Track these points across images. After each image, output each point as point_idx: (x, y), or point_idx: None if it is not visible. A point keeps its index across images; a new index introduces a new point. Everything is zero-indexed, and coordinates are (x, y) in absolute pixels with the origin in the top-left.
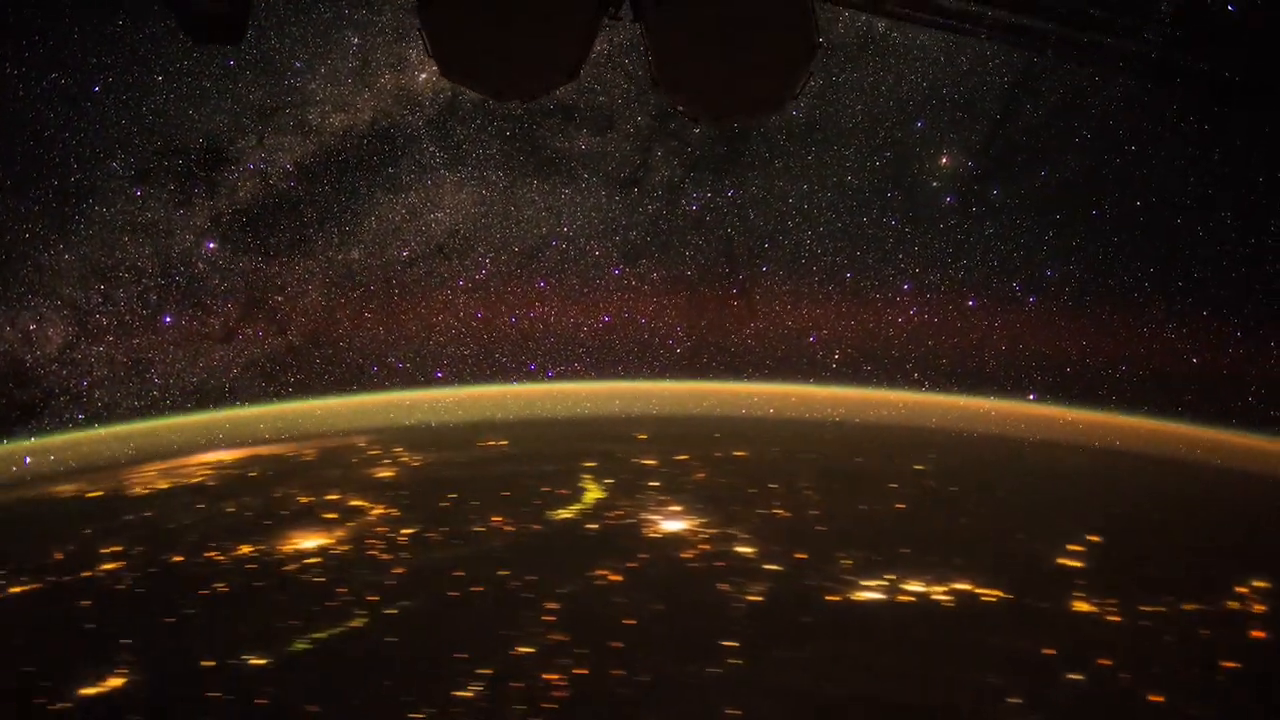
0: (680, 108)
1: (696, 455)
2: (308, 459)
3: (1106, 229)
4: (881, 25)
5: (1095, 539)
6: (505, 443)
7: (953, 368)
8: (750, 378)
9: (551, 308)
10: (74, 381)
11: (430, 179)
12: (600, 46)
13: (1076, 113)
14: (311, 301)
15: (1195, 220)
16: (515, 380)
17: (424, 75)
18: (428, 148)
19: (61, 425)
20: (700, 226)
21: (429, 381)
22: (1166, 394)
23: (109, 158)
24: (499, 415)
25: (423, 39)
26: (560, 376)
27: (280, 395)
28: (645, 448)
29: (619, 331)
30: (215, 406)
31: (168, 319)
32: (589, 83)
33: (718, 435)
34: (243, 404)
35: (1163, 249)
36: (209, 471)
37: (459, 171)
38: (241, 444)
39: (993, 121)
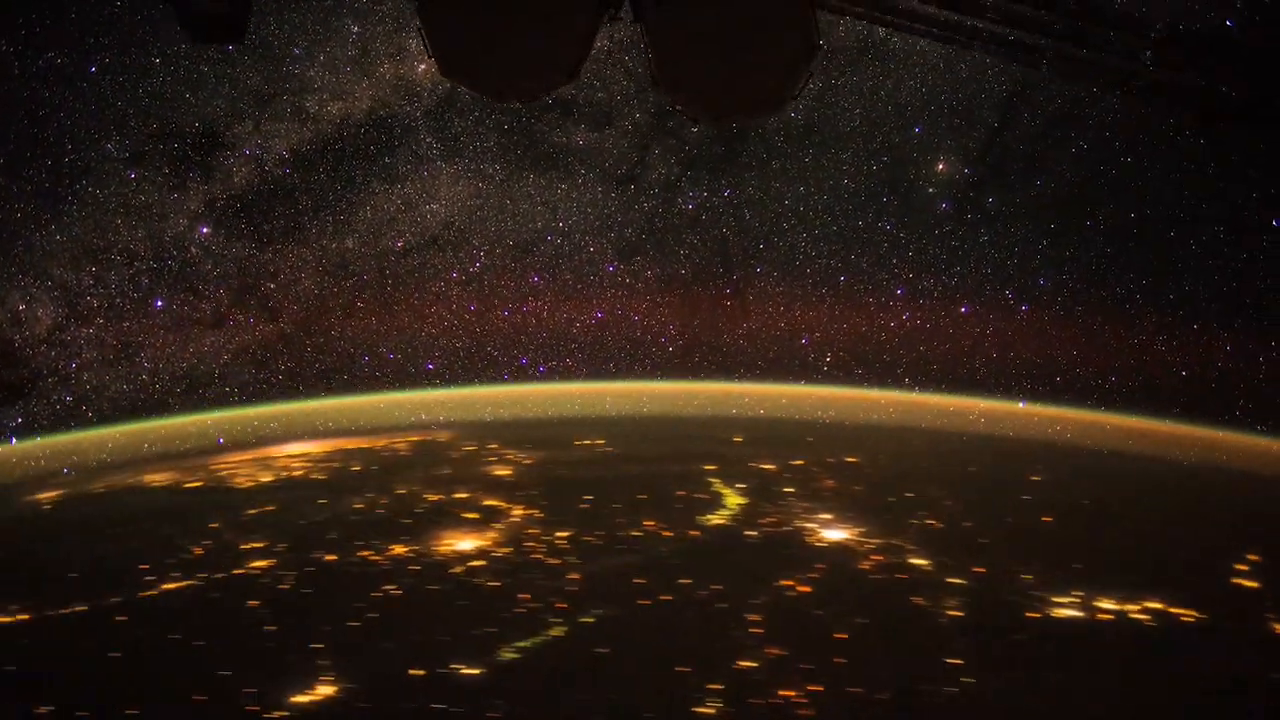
0: (680, 107)
1: (812, 460)
2: (403, 453)
3: (1100, 240)
4: (881, 30)
5: (1255, 558)
6: (602, 441)
7: (943, 373)
8: (741, 378)
9: (545, 302)
10: (62, 363)
11: (426, 170)
12: (601, 43)
13: (1074, 123)
14: (304, 289)
15: (1188, 234)
16: (506, 374)
17: (423, 66)
18: (425, 138)
19: (48, 406)
20: (696, 225)
21: (419, 373)
22: (1155, 405)
23: (104, 139)
24: (589, 413)
25: (423, 39)
26: (552, 372)
27: (270, 382)
28: (752, 451)
29: (612, 328)
30: (205, 391)
31: (159, 303)
32: (588, 78)
33: (810, 439)
34: (235, 394)
35: (1155, 261)
36: (304, 464)
37: (455, 163)
38: (320, 435)
39: (990, 129)
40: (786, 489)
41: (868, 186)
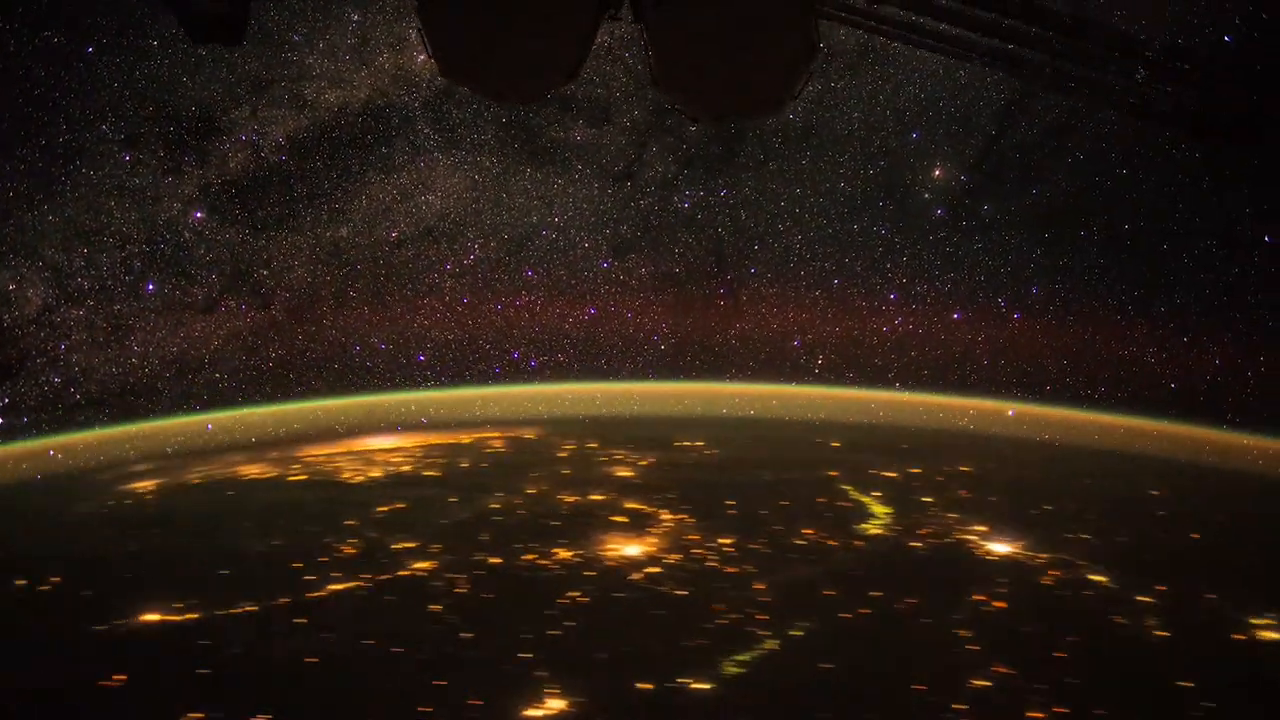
0: (680, 107)
1: (929, 468)
2: (501, 450)
3: (1093, 250)
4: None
5: None
6: (702, 443)
7: (934, 379)
8: (732, 378)
9: (538, 297)
10: (51, 344)
11: (423, 161)
12: (601, 39)
13: (1070, 133)
14: (297, 277)
15: (1181, 247)
16: (498, 368)
17: (422, 56)
18: (422, 129)
19: (36, 386)
20: (691, 224)
21: (410, 364)
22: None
23: (99, 120)
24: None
25: (422, 39)
26: (543, 367)
27: (260, 369)
28: (862, 457)
29: (604, 324)
30: (194, 376)
31: (150, 286)
32: (588, 75)
33: (905, 446)
34: (224, 380)
35: (1148, 273)
36: (406, 459)
37: (453, 155)
38: (405, 429)
39: (987, 137)
40: (924, 498)
41: (864, 190)
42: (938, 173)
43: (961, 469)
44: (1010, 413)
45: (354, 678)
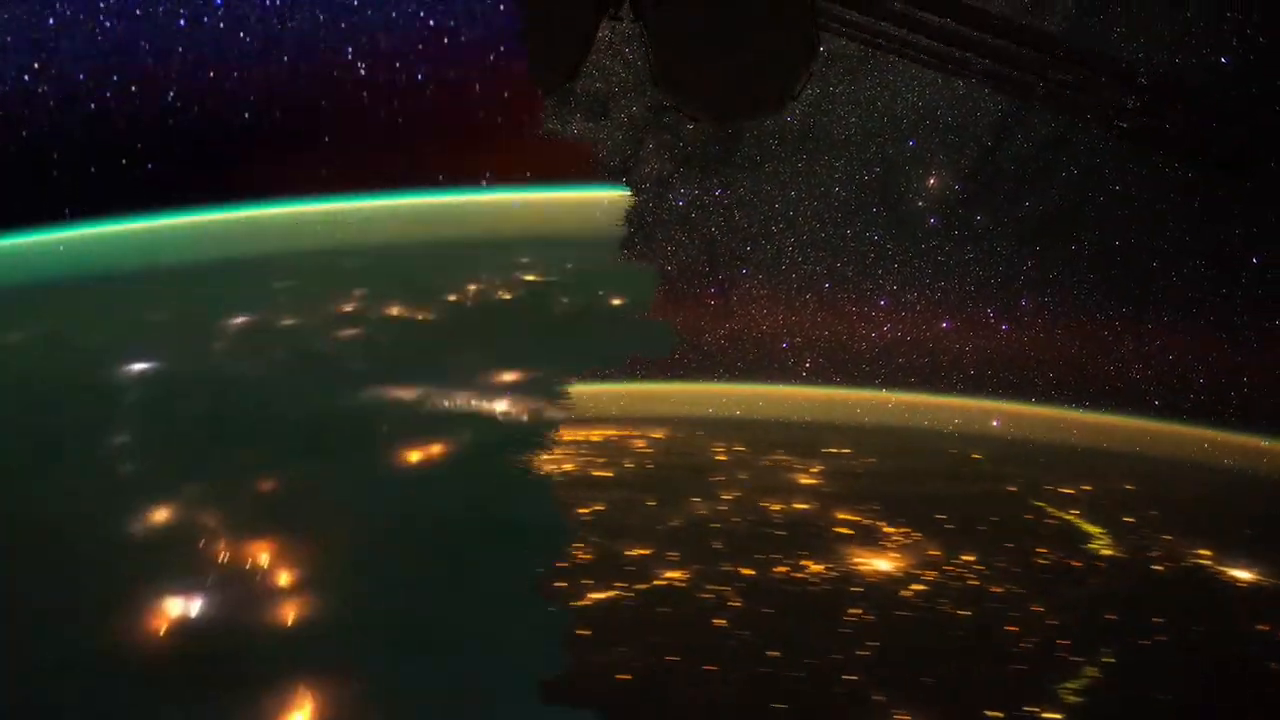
0: (680, 106)
1: (1099, 486)
2: (648, 450)
3: (1084, 265)
4: None
5: None
6: (849, 450)
7: (920, 385)
8: (719, 378)
9: None
10: None
11: None
12: (601, 33)
13: (1065, 147)
14: None
15: (1170, 266)
16: None
17: None
18: None
19: None
20: (685, 223)
21: None
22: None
23: None
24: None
25: None
26: None
27: None
28: (1022, 471)
29: None
30: None
31: None
32: (587, 69)
33: (1043, 460)
34: None
35: (1136, 290)
36: (566, 456)
37: None
38: None
39: (983, 148)
40: (1125, 517)
41: (858, 196)
42: (932, 181)
43: (1126, 487)
44: (995, 422)
45: (679, 696)
